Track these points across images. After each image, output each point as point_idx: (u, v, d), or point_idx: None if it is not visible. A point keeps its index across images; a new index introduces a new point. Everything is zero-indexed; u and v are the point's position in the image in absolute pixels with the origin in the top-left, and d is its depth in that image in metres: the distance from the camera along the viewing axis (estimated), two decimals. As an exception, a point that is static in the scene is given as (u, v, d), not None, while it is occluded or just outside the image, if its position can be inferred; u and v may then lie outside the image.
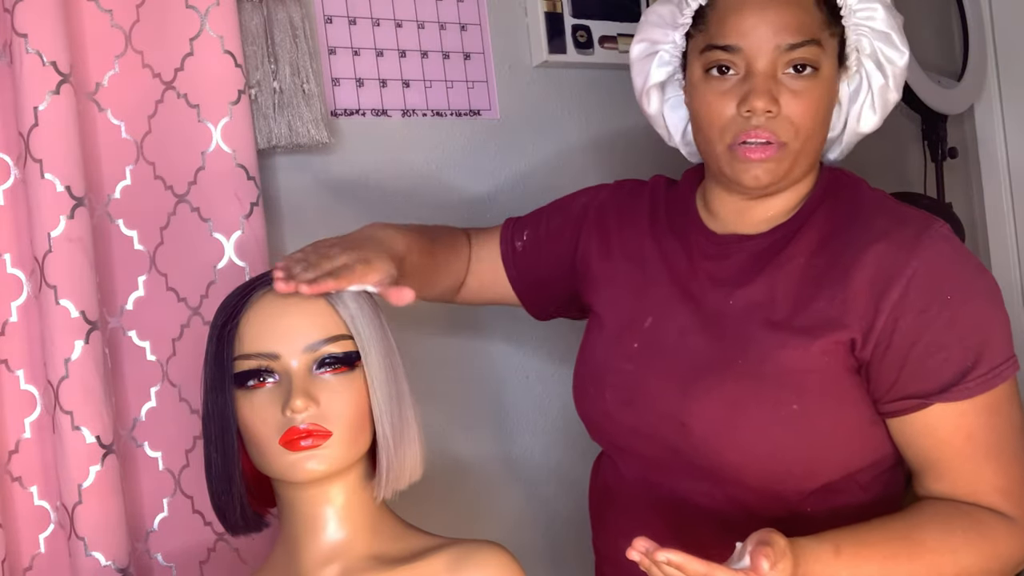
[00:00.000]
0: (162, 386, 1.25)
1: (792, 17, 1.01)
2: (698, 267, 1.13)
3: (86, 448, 1.11)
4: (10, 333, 1.16)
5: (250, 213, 1.27)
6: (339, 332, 0.94)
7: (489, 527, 1.56)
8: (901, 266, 1.00)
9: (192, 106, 1.26)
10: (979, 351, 0.99)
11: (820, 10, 1.03)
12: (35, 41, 1.11)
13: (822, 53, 1.03)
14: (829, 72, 1.05)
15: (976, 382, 0.98)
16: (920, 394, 1.00)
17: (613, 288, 1.19)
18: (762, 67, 1.01)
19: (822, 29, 1.03)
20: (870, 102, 1.11)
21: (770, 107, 1.01)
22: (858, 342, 1.01)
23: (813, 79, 1.02)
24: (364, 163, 1.49)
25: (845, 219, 1.07)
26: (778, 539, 0.88)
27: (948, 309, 0.99)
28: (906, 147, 2.28)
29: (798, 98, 1.02)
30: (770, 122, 1.02)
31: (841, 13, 1.05)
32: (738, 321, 1.06)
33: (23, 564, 1.16)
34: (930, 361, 0.99)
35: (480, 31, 1.61)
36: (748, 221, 1.12)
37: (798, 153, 1.05)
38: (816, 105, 1.03)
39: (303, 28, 1.38)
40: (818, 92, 1.03)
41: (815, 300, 1.03)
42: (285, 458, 0.91)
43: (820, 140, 1.07)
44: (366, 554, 0.95)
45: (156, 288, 1.25)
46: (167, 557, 1.24)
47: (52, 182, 1.11)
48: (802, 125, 1.03)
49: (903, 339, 0.99)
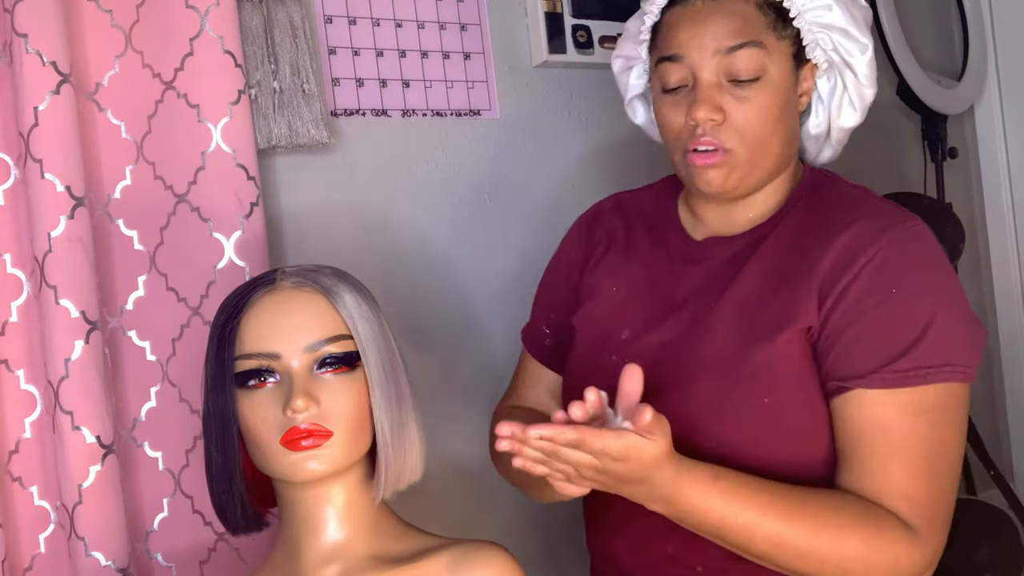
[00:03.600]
0: (162, 386, 1.25)
1: (730, 24, 1.03)
2: (678, 272, 1.14)
3: (86, 448, 1.11)
4: (10, 333, 1.16)
5: (250, 213, 1.27)
6: (340, 332, 0.94)
7: (489, 527, 1.56)
8: (859, 255, 1.00)
9: (192, 106, 1.26)
10: (910, 345, 0.97)
11: (764, 14, 1.04)
12: (35, 41, 1.11)
13: (766, 55, 1.03)
14: (779, 75, 1.05)
15: (897, 375, 0.96)
16: (842, 377, 0.99)
17: (593, 305, 1.21)
18: (705, 76, 1.03)
19: (766, 32, 1.04)
20: (848, 99, 1.11)
21: (712, 116, 1.03)
22: (814, 329, 1.02)
23: (758, 85, 1.03)
24: (364, 163, 1.49)
25: (821, 215, 1.08)
26: (660, 416, 0.88)
27: (889, 301, 0.98)
28: (906, 147, 2.28)
29: (743, 104, 1.03)
30: (715, 130, 1.04)
31: (791, 15, 1.05)
32: (713, 325, 1.07)
33: (23, 564, 1.16)
34: (856, 347, 0.98)
35: (480, 31, 1.61)
36: (730, 222, 1.13)
37: (751, 158, 1.05)
38: (763, 110, 1.03)
39: (303, 28, 1.38)
40: (765, 97, 1.03)
41: (781, 294, 1.04)
42: (286, 458, 0.91)
43: (777, 143, 1.07)
44: (366, 554, 0.95)
45: (156, 288, 1.25)
46: (167, 557, 1.24)
47: (52, 182, 1.11)
48: (748, 131, 1.04)
49: (839, 322, 0.99)
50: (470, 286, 1.58)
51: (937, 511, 0.97)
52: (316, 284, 0.96)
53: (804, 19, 1.05)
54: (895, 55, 2.04)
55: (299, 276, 0.97)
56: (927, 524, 0.96)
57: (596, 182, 1.69)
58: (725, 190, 1.07)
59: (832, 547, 0.93)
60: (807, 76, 1.09)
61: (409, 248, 1.52)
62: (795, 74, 1.07)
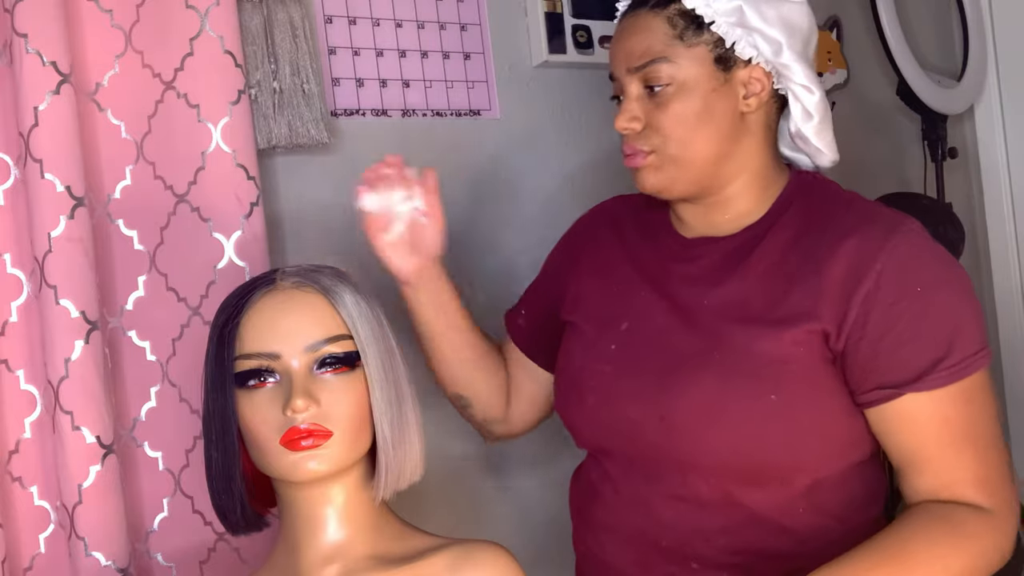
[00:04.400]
0: (162, 386, 1.25)
1: (637, 43, 1.09)
2: (670, 269, 1.16)
3: (86, 448, 1.11)
4: (10, 333, 1.16)
5: (250, 213, 1.27)
6: (339, 332, 0.94)
7: (489, 527, 1.56)
8: (871, 261, 1.03)
9: (192, 106, 1.26)
10: (950, 341, 1.01)
11: (674, 25, 1.08)
12: (35, 41, 1.11)
13: (673, 67, 1.07)
14: (694, 80, 1.07)
15: (948, 371, 1.01)
16: (893, 384, 1.02)
17: (588, 300, 1.23)
18: (629, 90, 1.11)
19: (673, 44, 1.07)
20: (793, 100, 1.12)
21: (627, 125, 1.11)
22: (831, 334, 1.04)
23: (671, 91, 1.08)
24: (364, 163, 1.48)
25: (817, 218, 1.10)
26: None
27: (918, 301, 1.02)
28: (906, 147, 2.28)
29: (659, 109, 1.08)
30: (634, 137, 1.11)
31: (706, 21, 1.07)
32: (712, 318, 1.09)
33: (23, 564, 1.16)
34: (902, 351, 1.02)
35: (480, 31, 1.61)
36: (713, 224, 1.15)
37: (675, 157, 1.09)
38: (680, 110, 1.08)
39: (303, 28, 1.38)
40: (678, 101, 1.08)
41: (788, 294, 1.06)
42: (286, 458, 0.91)
43: (705, 142, 1.09)
44: (366, 554, 0.95)
45: (156, 288, 1.25)
46: (167, 557, 1.24)
47: (52, 182, 1.11)
48: (669, 131, 1.08)
49: (875, 331, 1.02)
50: (470, 286, 1.57)
51: (1005, 481, 1.04)
52: (316, 284, 0.96)
53: (719, 23, 1.07)
54: (895, 55, 2.04)
55: (299, 276, 0.97)
56: (1001, 499, 1.03)
57: (596, 182, 1.69)
58: (659, 189, 1.12)
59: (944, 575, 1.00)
60: (752, 78, 1.09)
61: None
62: (722, 76, 1.08)
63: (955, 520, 1.01)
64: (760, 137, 1.13)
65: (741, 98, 1.10)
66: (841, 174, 2.23)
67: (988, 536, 1.01)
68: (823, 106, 1.12)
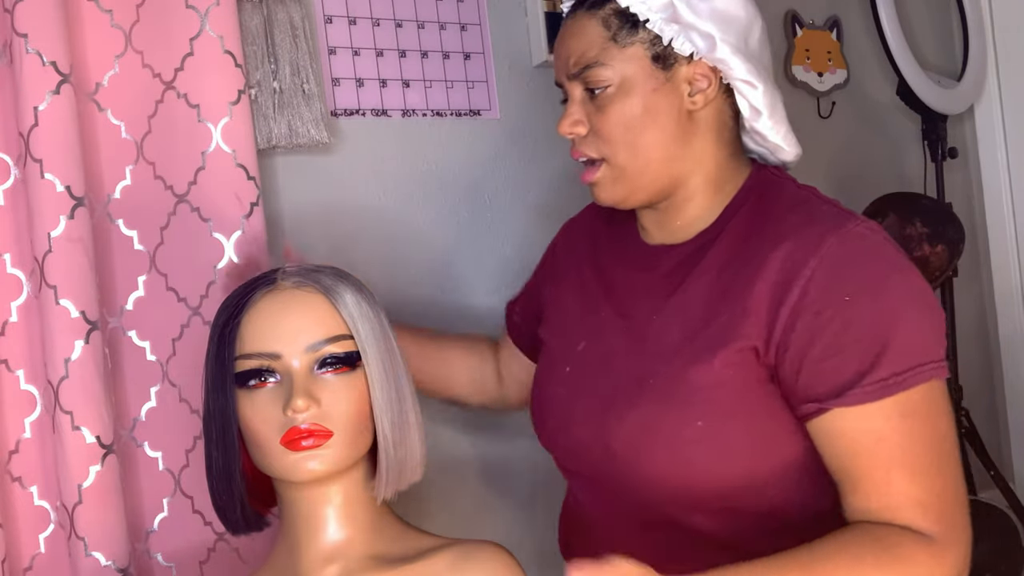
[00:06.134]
0: (162, 386, 1.25)
1: (572, 49, 1.07)
2: (633, 279, 1.13)
3: (86, 448, 1.11)
4: (10, 333, 1.16)
5: (250, 213, 1.27)
6: (340, 332, 0.94)
7: (489, 527, 1.56)
8: (800, 267, 0.97)
9: (192, 106, 1.26)
10: (878, 354, 0.94)
11: (608, 26, 1.04)
12: (35, 41, 1.11)
13: (608, 69, 1.04)
14: (632, 80, 1.04)
15: (875, 386, 0.94)
16: (818, 398, 0.96)
17: (557, 316, 1.22)
18: (573, 94, 1.08)
19: (607, 46, 1.04)
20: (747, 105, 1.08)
21: (571, 130, 1.08)
22: (761, 351, 0.99)
23: (609, 93, 1.05)
24: (364, 163, 1.49)
25: (761, 220, 1.05)
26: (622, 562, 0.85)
27: (845, 310, 0.95)
28: (906, 147, 2.28)
29: (601, 112, 1.05)
30: (580, 142, 1.08)
31: (641, 19, 1.04)
32: (658, 339, 1.06)
33: (23, 564, 1.16)
34: (825, 364, 0.95)
35: (480, 31, 1.61)
36: (669, 231, 1.12)
37: (630, 165, 1.06)
38: (620, 114, 1.04)
39: (303, 28, 1.38)
40: (617, 102, 1.04)
41: (720, 312, 1.01)
42: (286, 458, 0.91)
43: (654, 144, 1.05)
44: (366, 554, 0.95)
45: (156, 288, 1.25)
46: (167, 557, 1.24)
47: (52, 182, 1.11)
48: (610, 135, 1.05)
49: (799, 342, 0.96)
50: (470, 286, 1.57)
51: (950, 508, 0.95)
52: (317, 284, 0.96)
53: (654, 20, 1.03)
54: (895, 55, 2.04)
55: (300, 276, 0.97)
56: (946, 526, 0.94)
57: (596, 182, 1.69)
58: (616, 201, 1.09)
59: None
60: (696, 74, 1.05)
61: (409, 248, 1.52)
62: (662, 75, 1.04)
63: (888, 541, 0.93)
64: (712, 136, 1.07)
65: (686, 96, 1.05)
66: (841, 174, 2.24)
67: (924, 564, 0.92)
68: (770, 100, 1.06)
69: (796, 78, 2.07)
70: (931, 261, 1.91)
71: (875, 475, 0.95)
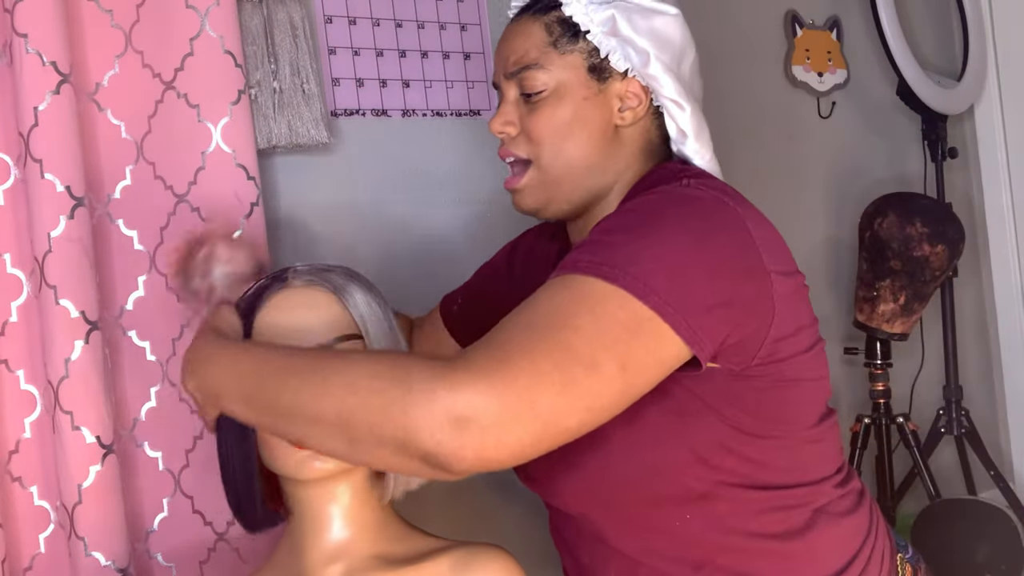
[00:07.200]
0: (162, 386, 1.25)
1: (514, 49, 1.07)
2: None
3: (86, 448, 1.11)
4: (10, 333, 1.16)
5: (250, 213, 1.27)
6: (350, 331, 0.94)
7: (492, 530, 1.56)
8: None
9: (192, 106, 1.26)
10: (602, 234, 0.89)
11: (551, 32, 1.06)
12: (35, 41, 1.11)
13: (546, 74, 1.05)
14: (567, 87, 1.05)
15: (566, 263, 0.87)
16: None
17: None
18: (504, 95, 1.09)
19: (547, 51, 1.05)
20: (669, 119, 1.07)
21: (502, 128, 1.08)
22: None
23: (543, 97, 1.05)
24: (364, 163, 1.49)
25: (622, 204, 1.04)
26: None
27: (616, 215, 0.94)
28: (906, 147, 2.28)
29: (532, 114, 1.06)
30: (510, 142, 1.08)
31: (582, 29, 1.05)
32: None
33: (23, 564, 1.16)
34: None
35: (480, 31, 1.61)
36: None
37: (552, 168, 1.05)
38: (550, 118, 1.05)
39: (303, 28, 1.38)
40: (549, 107, 1.05)
41: None
42: (293, 456, 0.91)
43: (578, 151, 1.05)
44: (370, 554, 0.95)
45: (156, 288, 1.25)
46: (167, 557, 1.24)
47: (52, 182, 1.11)
48: (539, 137, 1.05)
49: None
50: (470, 286, 1.57)
51: (500, 347, 0.79)
52: (327, 283, 0.96)
53: (594, 32, 1.05)
54: (895, 55, 2.04)
55: (310, 275, 0.97)
56: (483, 351, 0.78)
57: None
58: (535, 208, 1.09)
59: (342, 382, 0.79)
60: (628, 91, 1.05)
61: (409, 248, 1.52)
62: (596, 86, 1.05)
63: (405, 363, 0.78)
64: (636, 153, 1.07)
65: (616, 110, 1.06)
66: (841, 174, 2.24)
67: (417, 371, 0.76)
68: (696, 123, 1.07)
69: (796, 78, 2.07)
70: (931, 261, 1.91)
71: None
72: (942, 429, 2.15)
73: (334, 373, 0.80)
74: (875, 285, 1.96)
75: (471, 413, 0.74)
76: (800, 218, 2.07)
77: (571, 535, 1.10)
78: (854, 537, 1.03)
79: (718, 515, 0.98)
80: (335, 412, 0.78)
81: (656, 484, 0.98)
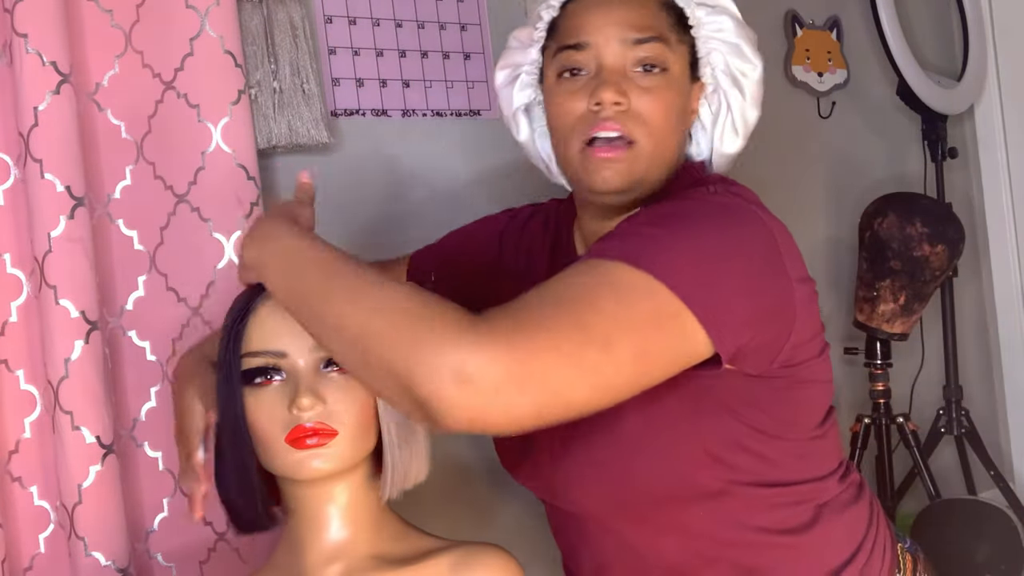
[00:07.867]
0: (162, 386, 1.25)
1: (637, 16, 1.00)
2: None
3: (86, 448, 1.11)
4: (10, 333, 1.16)
5: (250, 213, 1.27)
6: None
7: (492, 529, 1.56)
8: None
9: (192, 106, 1.26)
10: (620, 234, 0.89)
11: (667, 15, 1.02)
12: (35, 41, 1.11)
13: (669, 52, 1.00)
14: (679, 75, 1.02)
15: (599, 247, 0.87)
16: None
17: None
18: (610, 62, 0.99)
19: (669, 31, 1.01)
20: (731, 123, 1.07)
21: (618, 99, 0.97)
22: None
23: (662, 77, 1.00)
24: (364, 163, 1.49)
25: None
26: None
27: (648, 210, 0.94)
28: (906, 147, 2.28)
29: (648, 94, 0.98)
30: (620, 115, 0.98)
31: (689, 23, 1.03)
32: None
33: (23, 564, 1.16)
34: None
35: (480, 31, 1.61)
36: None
37: (651, 155, 1.00)
38: (666, 104, 1.00)
39: (303, 28, 1.38)
40: (668, 91, 1.00)
41: None
42: (291, 456, 0.91)
43: (673, 145, 1.02)
44: (369, 554, 0.95)
45: (156, 288, 1.25)
46: (167, 557, 1.24)
47: (52, 182, 1.11)
48: (652, 122, 0.99)
49: None
50: (470, 286, 1.57)
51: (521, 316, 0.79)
52: None
53: (701, 31, 1.03)
54: (895, 55, 2.04)
55: None
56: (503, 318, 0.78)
57: (596, 182, 1.69)
58: (621, 188, 0.99)
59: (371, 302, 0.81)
60: (696, 95, 1.05)
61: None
62: (688, 83, 1.04)
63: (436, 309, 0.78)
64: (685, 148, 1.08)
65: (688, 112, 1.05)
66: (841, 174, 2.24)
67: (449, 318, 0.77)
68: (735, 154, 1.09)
69: (796, 78, 2.07)
70: (931, 261, 1.91)
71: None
72: (942, 429, 2.15)
73: (370, 294, 0.82)
74: (875, 285, 1.96)
75: (474, 373, 0.74)
76: (800, 218, 2.07)
77: (575, 535, 1.10)
78: (857, 528, 1.04)
79: (729, 512, 0.98)
80: (359, 328, 0.80)
81: (671, 483, 0.97)
